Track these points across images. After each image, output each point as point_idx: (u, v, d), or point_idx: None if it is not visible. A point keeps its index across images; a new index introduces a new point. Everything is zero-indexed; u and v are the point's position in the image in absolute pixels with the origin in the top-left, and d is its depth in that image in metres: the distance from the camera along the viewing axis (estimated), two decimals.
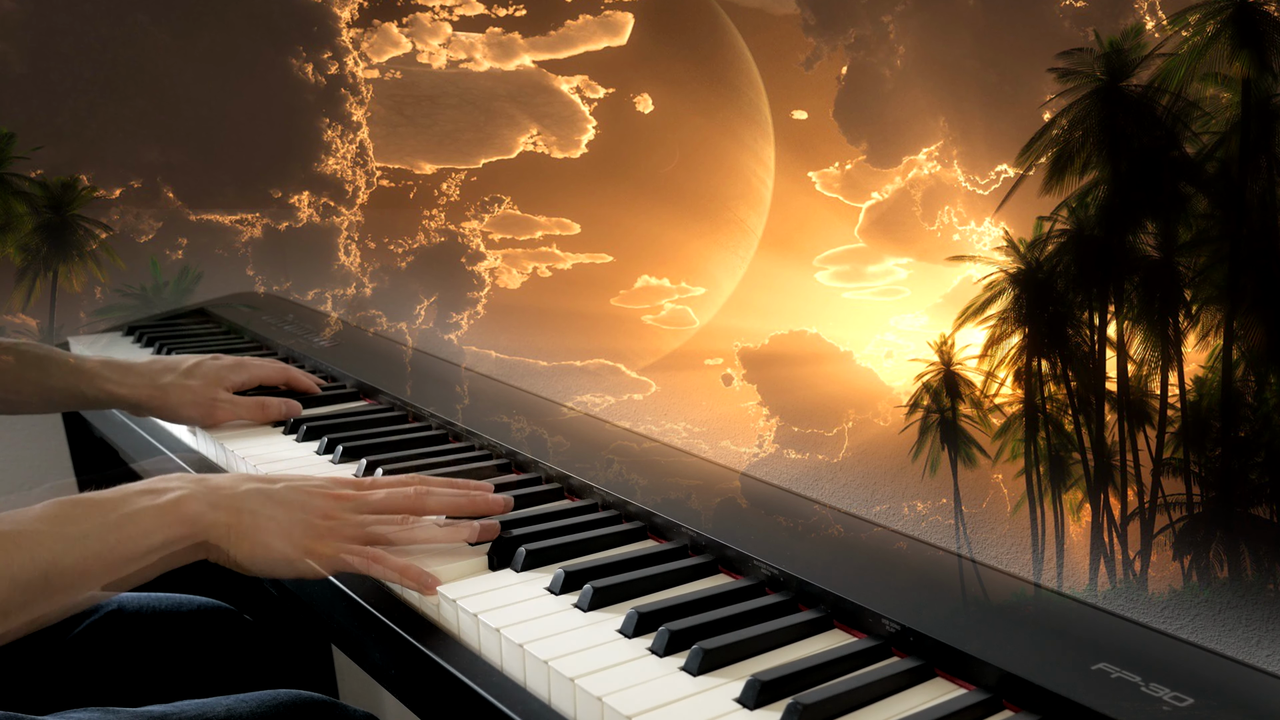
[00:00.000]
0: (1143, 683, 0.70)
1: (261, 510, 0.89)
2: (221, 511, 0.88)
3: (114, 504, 0.84)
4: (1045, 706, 0.71)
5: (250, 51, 1.86)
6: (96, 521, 0.82)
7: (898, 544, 0.97)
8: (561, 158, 1.86)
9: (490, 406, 1.40)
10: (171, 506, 0.86)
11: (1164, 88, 1.11)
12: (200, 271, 2.00)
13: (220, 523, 0.88)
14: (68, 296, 1.88)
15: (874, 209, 1.53)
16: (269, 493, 0.91)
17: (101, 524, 0.82)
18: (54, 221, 1.85)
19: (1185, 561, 1.06)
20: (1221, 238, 1.08)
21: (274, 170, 1.91)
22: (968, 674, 0.76)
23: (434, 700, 0.87)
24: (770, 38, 1.67)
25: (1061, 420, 1.19)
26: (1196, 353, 1.14)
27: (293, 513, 0.90)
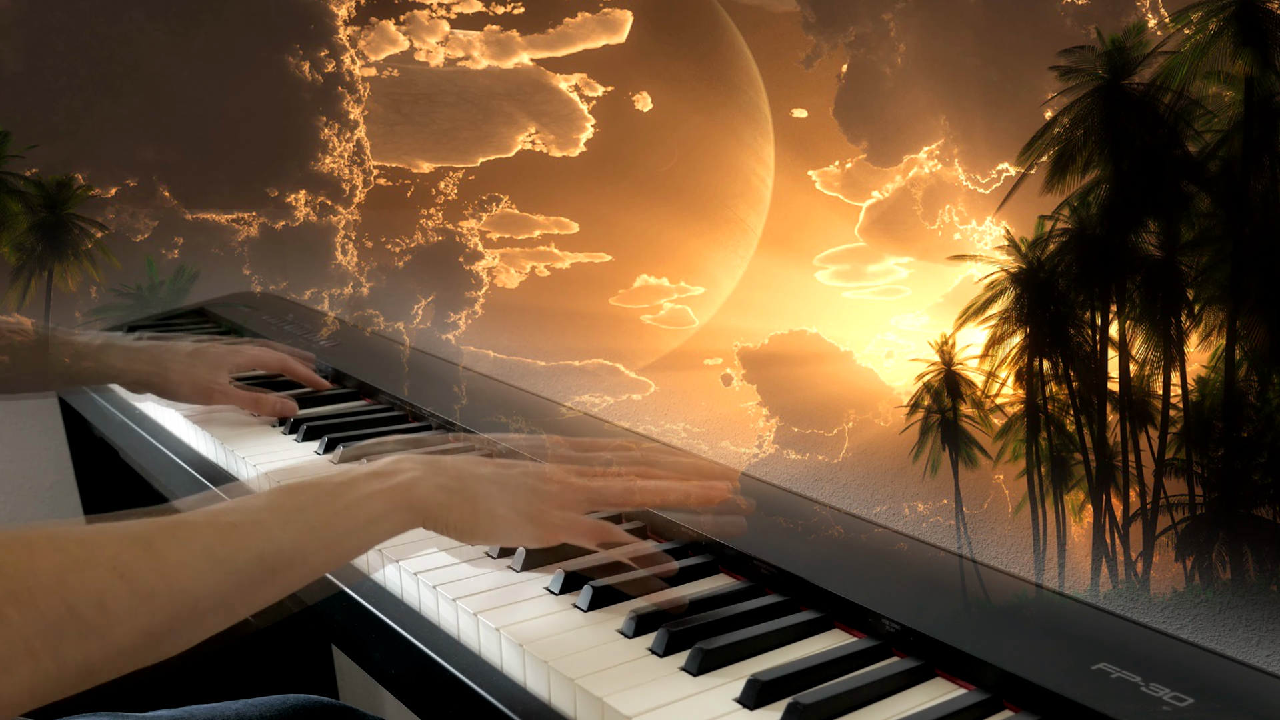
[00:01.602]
0: (1143, 683, 0.70)
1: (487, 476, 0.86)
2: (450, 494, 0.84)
3: (340, 490, 0.80)
4: (1045, 706, 0.70)
5: (247, 49, 1.85)
6: (325, 509, 0.78)
7: (898, 544, 0.96)
8: (560, 156, 1.86)
9: (490, 406, 1.40)
10: (402, 490, 0.82)
11: (1166, 86, 1.11)
12: (196, 271, 2.00)
13: (444, 487, 0.84)
14: (63, 296, 1.87)
15: (874, 208, 1.52)
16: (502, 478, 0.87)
17: (330, 511, 0.78)
18: (49, 220, 1.84)
19: (1188, 562, 1.06)
20: (1224, 237, 1.08)
21: (271, 169, 1.90)
22: (968, 674, 0.76)
23: (434, 700, 0.87)
24: (770, 35, 1.66)
25: (1063, 420, 1.18)
26: (1199, 353, 1.14)
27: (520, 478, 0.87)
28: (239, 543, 0.71)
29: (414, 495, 0.82)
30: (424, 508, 0.82)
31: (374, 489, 0.81)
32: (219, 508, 0.74)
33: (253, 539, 0.72)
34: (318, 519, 0.76)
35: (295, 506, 0.76)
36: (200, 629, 0.70)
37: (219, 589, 0.69)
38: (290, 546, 0.74)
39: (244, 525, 0.72)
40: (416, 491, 0.82)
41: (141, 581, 0.64)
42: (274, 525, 0.74)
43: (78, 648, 0.61)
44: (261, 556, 0.72)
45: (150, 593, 0.65)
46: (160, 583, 0.65)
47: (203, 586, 0.68)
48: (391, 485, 0.81)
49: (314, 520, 0.76)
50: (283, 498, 0.77)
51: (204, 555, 0.69)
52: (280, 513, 0.75)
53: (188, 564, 0.68)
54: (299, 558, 0.75)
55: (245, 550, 0.71)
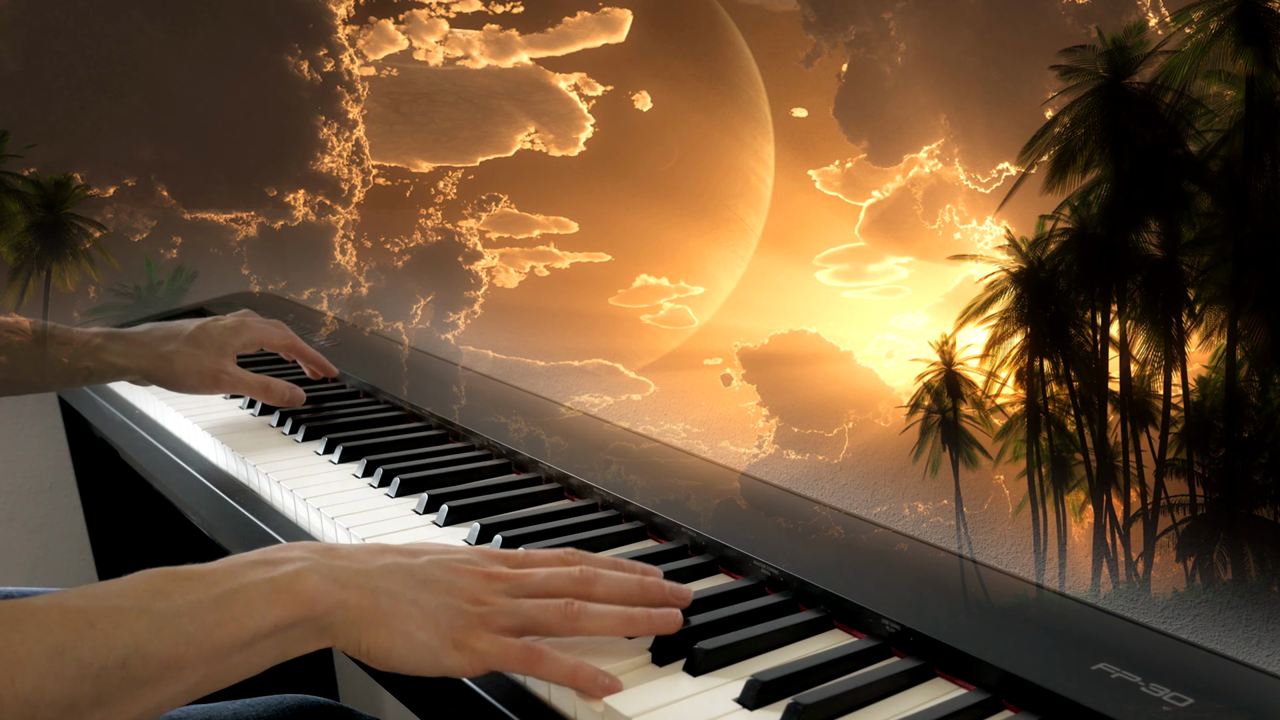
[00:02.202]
0: (1143, 683, 0.70)
1: (402, 593, 0.74)
2: (351, 590, 0.72)
3: (217, 577, 0.69)
4: (1045, 706, 0.70)
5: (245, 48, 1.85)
6: (192, 598, 0.67)
7: (898, 544, 0.96)
8: (559, 156, 1.86)
9: (490, 406, 1.40)
10: (287, 581, 0.70)
11: (1167, 85, 1.10)
12: (195, 271, 1.99)
13: (350, 604, 0.72)
14: (61, 296, 1.87)
15: (874, 207, 1.52)
16: (410, 569, 0.76)
17: (198, 601, 0.67)
18: (47, 220, 1.84)
19: (1188, 563, 1.06)
20: (1225, 236, 1.08)
21: (269, 168, 1.90)
22: (968, 674, 0.76)
23: (434, 700, 0.87)
24: (770, 35, 1.66)
25: (1064, 421, 1.18)
26: (1200, 353, 1.14)
27: (439, 595, 0.75)
28: (94, 640, 0.61)
29: (302, 588, 0.71)
30: (319, 615, 0.71)
31: (253, 579, 0.70)
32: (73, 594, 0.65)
33: (113, 637, 0.63)
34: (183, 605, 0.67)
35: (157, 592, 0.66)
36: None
37: (65, 693, 0.59)
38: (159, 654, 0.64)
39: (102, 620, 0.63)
40: (305, 585, 0.71)
41: None
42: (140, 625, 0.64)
43: None
44: (124, 662, 0.62)
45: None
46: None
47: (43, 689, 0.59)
48: (274, 575, 0.71)
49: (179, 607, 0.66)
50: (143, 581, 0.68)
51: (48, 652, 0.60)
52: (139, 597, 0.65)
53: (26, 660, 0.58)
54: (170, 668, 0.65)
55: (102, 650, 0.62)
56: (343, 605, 0.72)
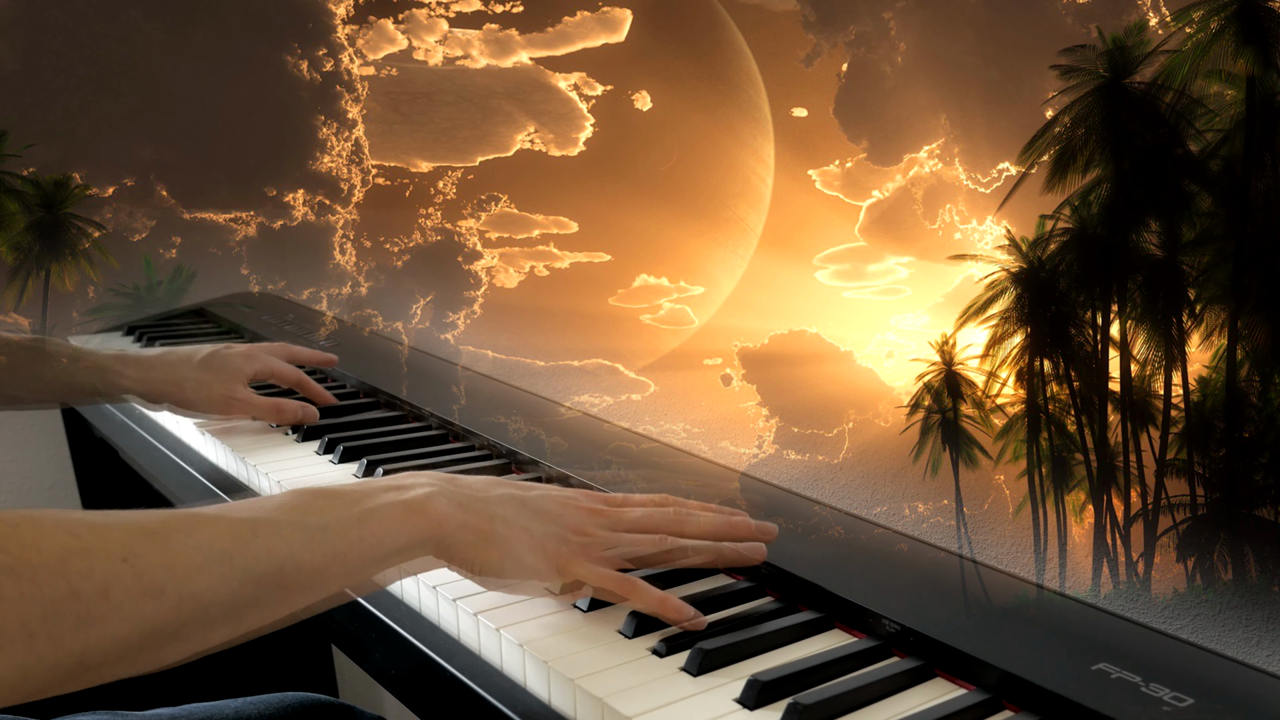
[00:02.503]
0: (1143, 683, 0.70)
1: (515, 519, 0.81)
2: (471, 515, 0.79)
3: (357, 497, 0.76)
4: (1045, 706, 0.70)
5: (244, 48, 1.85)
6: (339, 515, 0.74)
7: (898, 545, 0.96)
8: (559, 155, 1.86)
9: (490, 406, 1.40)
10: (418, 505, 0.77)
11: (1167, 85, 1.10)
12: (194, 270, 1.99)
13: (470, 525, 0.79)
14: (60, 296, 1.87)
15: (875, 207, 1.52)
16: (523, 500, 0.83)
17: (344, 518, 0.74)
18: (46, 220, 1.84)
19: (1189, 563, 1.06)
20: (1226, 236, 1.08)
21: (268, 168, 1.90)
22: (968, 674, 0.76)
23: (434, 700, 0.86)
24: (770, 34, 1.66)
25: (1064, 421, 1.18)
26: (1200, 352, 1.14)
27: (547, 525, 0.82)
28: (257, 549, 0.68)
29: (432, 510, 0.78)
30: (444, 535, 0.78)
31: (389, 500, 0.77)
32: (237, 507, 0.71)
33: (273, 548, 0.69)
34: (331, 521, 0.73)
35: (308, 508, 0.73)
36: (207, 637, 0.66)
37: (232, 595, 0.66)
38: (310, 564, 0.71)
39: (264, 533, 0.69)
40: (434, 507, 0.78)
41: (150, 574, 0.62)
42: (296, 537, 0.70)
43: (76, 634, 0.58)
44: (280, 569, 0.69)
45: (159, 587, 0.62)
46: (170, 578, 0.63)
47: (214, 590, 0.65)
48: (407, 498, 0.78)
49: (327, 523, 0.73)
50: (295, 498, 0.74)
51: (220, 558, 0.66)
52: (294, 512, 0.72)
53: (201, 564, 0.65)
54: (318, 578, 0.72)
55: (263, 559, 0.68)
56: (464, 527, 0.78)
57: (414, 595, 0.93)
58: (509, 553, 0.80)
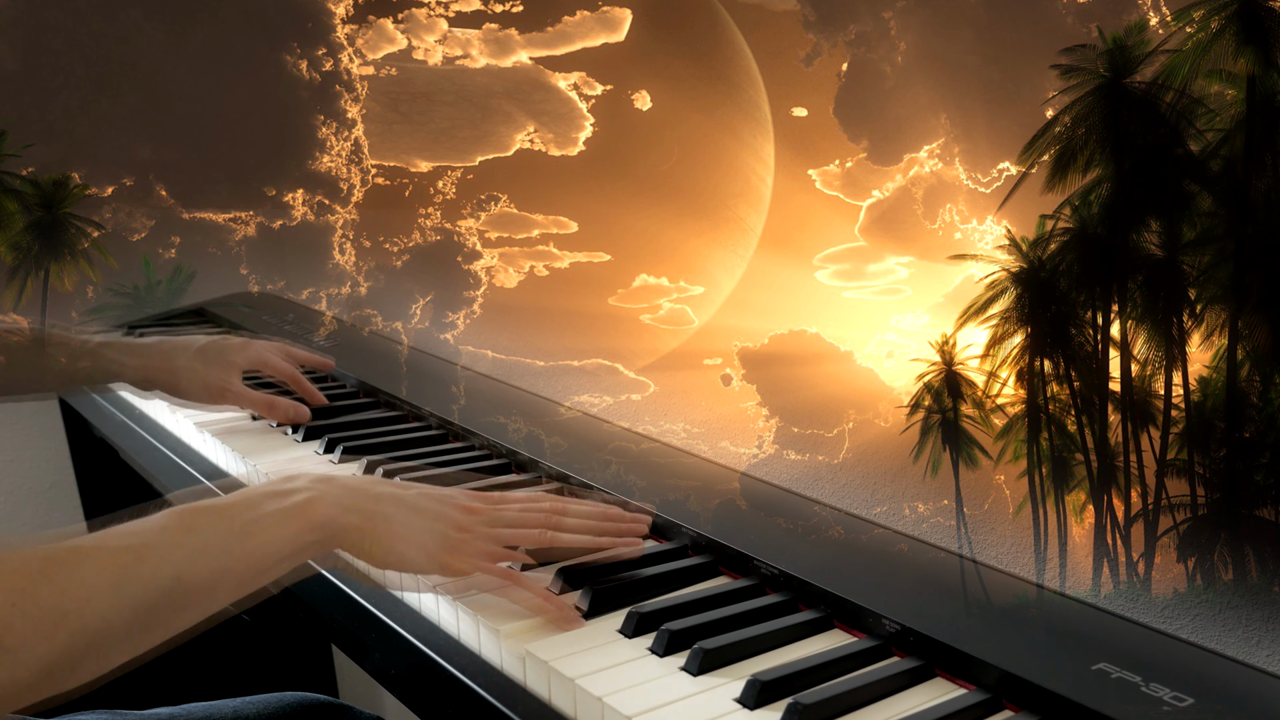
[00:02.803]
0: (1143, 683, 0.70)
1: (395, 515, 0.84)
2: (354, 515, 0.82)
3: (236, 510, 0.78)
4: (1045, 706, 0.70)
5: (244, 48, 1.85)
6: (221, 530, 0.75)
7: (898, 545, 0.96)
8: (559, 155, 1.85)
9: (490, 406, 1.39)
10: (300, 510, 0.80)
11: (1168, 84, 1.10)
12: (193, 270, 1.99)
13: (353, 526, 0.82)
14: (59, 296, 1.86)
15: (875, 207, 1.52)
16: (401, 499, 0.86)
17: (226, 533, 0.76)
18: (45, 220, 1.84)
19: (1189, 564, 1.06)
20: (1226, 236, 1.08)
21: (268, 168, 1.90)
22: (968, 674, 0.76)
23: (434, 700, 0.86)
24: (770, 34, 1.66)
25: (1064, 421, 1.18)
26: (1201, 352, 1.14)
27: (427, 521, 0.85)
28: (143, 576, 0.70)
29: (313, 516, 0.80)
30: (329, 536, 0.81)
31: (270, 509, 0.79)
32: (118, 534, 0.72)
33: (159, 572, 0.71)
34: (214, 539, 0.75)
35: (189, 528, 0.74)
36: (105, 661, 0.68)
37: (124, 622, 0.68)
38: (197, 582, 0.73)
39: (148, 559, 0.70)
40: (316, 512, 0.80)
41: (40, 616, 0.63)
42: (179, 560, 0.72)
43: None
44: (168, 591, 0.71)
45: (51, 626, 0.63)
46: (60, 617, 0.64)
47: (106, 620, 0.67)
48: (288, 505, 0.79)
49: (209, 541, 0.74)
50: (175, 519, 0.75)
51: (108, 590, 0.67)
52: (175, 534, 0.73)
53: (88, 598, 0.66)
54: (207, 594, 0.74)
55: (150, 586, 0.70)
56: (345, 529, 0.81)
57: (414, 595, 0.93)
58: (391, 549, 0.83)
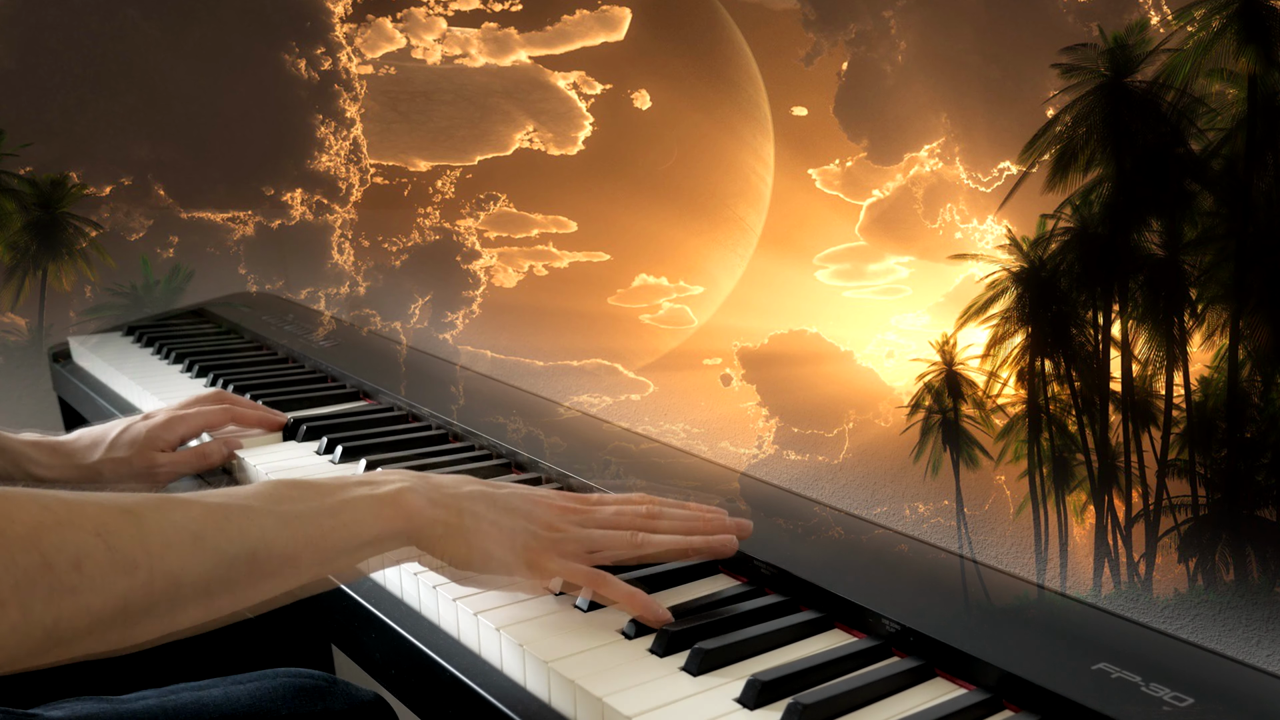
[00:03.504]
0: (1143, 683, 0.70)
1: (485, 514, 0.84)
2: (441, 509, 0.82)
3: (331, 489, 0.79)
4: (1045, 706, 0.70)
5: (242, 47, 1.85)
6: (312, 504, 0.76)
7: (899, 545, 0.96)
8: (558, 154, 1.85)
9: (489, 406, 1.39)
10: (391, 498, 0.80)
11: (1169, 84, 1.10)
12: (191, 270, 1.99)
13: (439, 520, 0.82)
14: (57, 295, 1.86)
15: (875, 206, 1.52)
16: (493, 497, 0.85)
17: (317, 507, 0.76)
18: (43, 219, 1.84)
19: (1191, 564, 1.06)
20: (1227, 236, 1.07)
21: (266, 167, 1.90)
22: (968, 674, 0.76)
23: (434, 699, 0.86)
24: (770, 33, 1.66)
25: (1065, 421, 1.18)
26: (1202, 352, 1.13)
27: (516, 520, 0.85)
28: (230, 531, 0.70)
29: (403, 505, 0.80)
30: (416, 529, 0.81)
31: (361, 494, 0.79)
32: (210, 493, 0.73)
33: (246, 531, 0.71)
34: (305, 510, 0.75)
35: (282, 497, 0.75)
36: (178, 617, 0.68)
37: (204, 575, 0.68)
38: (282, 549, 0.73)
39: (237, 517, 0.71)
40: (406, 502, 0.81)
41: (123, 549, 0.64)
42: (268, 523, 0.72)
43: (48, 604, 0.59)
44: (253, 553, 0.71)
45: (131, 562, 0.64)
46: (143, 554, 0.64)
47: (186, 568, 0.67)
48: (379, 493, 0.80)
49: (301, 511, 0.75)
50: (270, 487, 0.76)
51: (193, 538, 0.68)
52: (268, 500, 0.74)
53: (174, 542, 0.67)
54: (289, 564, 0.74)
55: (235, 540, 0.70)
56: (434, 522, 0.81)
57: (414, 594, 0.93)
58: (477, 546, 0.82)
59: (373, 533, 0.78)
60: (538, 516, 0.85)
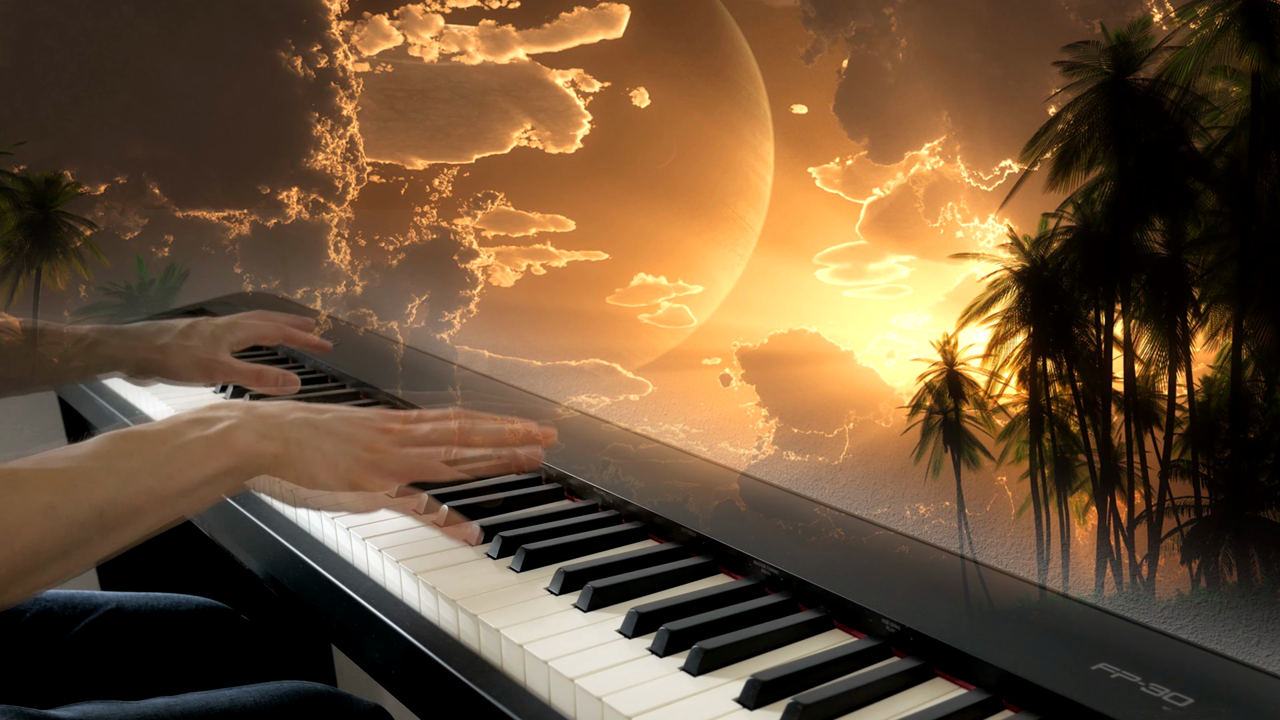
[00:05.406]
0: (1143, 683, 0.69)
1: (308, 441, 0.89)
2: (269, 441, 0.87)
3: (164, 437, 0.83)
4: (1045, 706, 0.70)
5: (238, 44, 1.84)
6: (148, 455, 0.81)
7: (899, 546, 0.96)
8: (556, 153, 1.85)
9: (487, 406, 1.38)
10: (220, 438, 0.85)
11: (1172, 81, 1.09)
12: (187, 269, 1.98)
13: (267, 453, 0.87)
14: (51, 295, 1.85)
15: (875, 205, 1.51)
16: (316, 423, 0.90)
17: (153, 458, 0.81)
18: (37, 218, 1.83)
19: (1194, 565, 1.05)
20: (1230, 235, 1.07)
21: (262, 166, 1.89)
22: (968, 674, 0.75)
23: (434, 700, 0.86)
24: (770, 30, 1.65)
25: (1067, 421, 1.17)
26: (1205, 352, 1.13)
27: (339, 444, 0.90)
28: (77, 497, 0.76)
29: (232, 442, 0.85)
30: (246, 462, 0.86)
31: (194, 436, 0.84)
32: (52, 458, 0.78)
33: (91, 495, 0.77)
34: (141, 464, 0.80)
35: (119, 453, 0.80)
36: (39, 580, 0.74)
37: (59, 541, 0.74)
38: (127, 504, 0.78)
39: (82, 482, 0.77)
40: (235, 439, 0.85)
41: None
42: (111, 482, 0.78)
43: None
44: (101, 513, 0.77)
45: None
46: (3, 535, 0.71)
47: (44, 539, 0.73)
48: (210, 434, 0.85)
49: (138, 466, 0.80)
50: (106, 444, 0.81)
51: (45, 511, 0.74)
52: (106, 459, 0.79)
53: (28, 519, 0.73)
54: (135, 515, 0.79)
55: (83, 505, 0.76)
56: (262, 454, 0.87)
57: (414, 595, 0.93)
58: (304, 472, 0.88)
59: (207, 473, 0.83)
60: (358, 438, 0.91)
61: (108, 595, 1.31)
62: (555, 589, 0.90)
